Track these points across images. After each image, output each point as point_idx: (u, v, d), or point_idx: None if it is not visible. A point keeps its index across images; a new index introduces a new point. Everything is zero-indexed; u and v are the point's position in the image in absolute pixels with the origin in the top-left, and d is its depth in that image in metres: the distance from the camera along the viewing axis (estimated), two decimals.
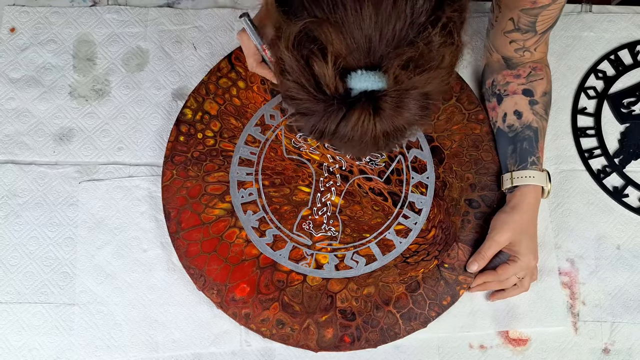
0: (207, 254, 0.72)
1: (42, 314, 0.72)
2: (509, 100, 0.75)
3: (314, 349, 0.70)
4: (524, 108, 0.74)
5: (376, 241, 0.74)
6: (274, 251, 0.73)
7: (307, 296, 0.72)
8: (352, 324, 0.71)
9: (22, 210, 0.76)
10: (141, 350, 0.71)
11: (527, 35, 0.71)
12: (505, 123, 0.75)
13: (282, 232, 0.74)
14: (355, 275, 0.73)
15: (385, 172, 0.77)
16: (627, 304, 0.75)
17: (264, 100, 0.79)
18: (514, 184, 0.73)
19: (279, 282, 0.72)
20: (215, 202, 0.74)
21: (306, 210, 0.75)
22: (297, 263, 0.73)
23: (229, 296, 0.71)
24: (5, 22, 0.83)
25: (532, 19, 0.69)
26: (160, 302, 0.73)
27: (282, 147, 0.77)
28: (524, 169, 0.72)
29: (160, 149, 0.79)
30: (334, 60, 0.45)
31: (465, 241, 0.74)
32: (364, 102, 0.46)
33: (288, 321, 0.71)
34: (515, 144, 0.74)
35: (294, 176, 0.76)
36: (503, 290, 0.73)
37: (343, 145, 0.50)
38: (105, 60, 0.82)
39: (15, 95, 0.80)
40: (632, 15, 0.88)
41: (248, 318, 0.71)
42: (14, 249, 0.74)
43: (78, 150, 0.78)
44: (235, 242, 0.73)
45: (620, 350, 0.74)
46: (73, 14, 0.84)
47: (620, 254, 0.77)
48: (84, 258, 0.74)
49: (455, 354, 0.73)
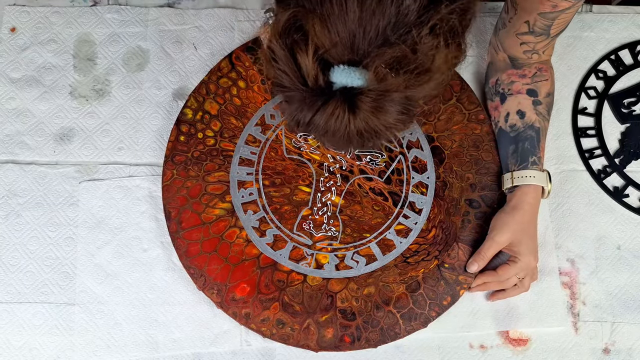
0: (208, 253, 0.72)
1: (42, 313, 0.72)
2: (512, 99, 0.75)
3: (314, 348, 0.70)
4: (528, 108, 0.74)
5: (376, 241, 0.74)
6: (275, 251, 0.73)
7: (307, 296, 0.72)
8: (352, 324, 0.71)
9: (23, 210, 0.76)
10: (141, 349, 0.71)
11: (539, 39, 0.71)
12: (508, 123, 0.75)
13: (283, 232, 0.74)
14: (355, 275, 0.73)
15: (385, 172, 0.77)
16: (627, 304, 0.75)
17: (264, 100, 0.79)
18: (515, 184, 0.72)
19: (279, 282, 0.72)
20: (215, 202, 0.74)
21: (306, 210, 0.75)
22: (298, 263, 0.73)
23: (229, 296, 0.71)
24: (5, 22, 0.83)
25: (549, 22, 0.68)
26: (161, 302, 0.73)
27: (283, 147, 0.77)
28: (525, 169, 0.72)
29: (161, 149, 0.79)
30: (314, 51, 0.44)
31: (466, 241, 0.74)
32: (340, 97, 0.45)
33: (288, 321, 0.71)
34: (517, 144, 0.74)
35: (294, 176, 0.76)
36: (503, 291, 0.73)
37: (319, 137, 0.50)
38: (106, 60, 0.82)
39: (16, 95, 0.80)
40: (633, 15, 0.88)
41: (248, 318, 0.71)
42: (14, 248, 0.74)
43: (78, 150, 0.78)
44: (235, 241, 0.73)
45: (621, 350, 0.73)
46: (73, 14, 0.84)
47: (620, 254, 0.77)
48: (84, 258, 0.74)
49: (456, 354, 0.73)
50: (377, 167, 0.77)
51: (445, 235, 0.75)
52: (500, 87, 0.77)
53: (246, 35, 0.84)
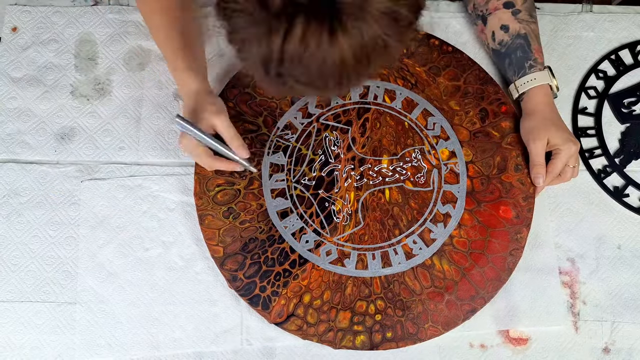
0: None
1: (43, 312, 0.72)
2: (492, 18, 0.78)
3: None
4: (509, 20, 0.77)
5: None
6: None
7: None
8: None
9: (24, 210, 0.76)
10: (142, 348, 0.71)
11: None
12: (496, 41, 0.78)
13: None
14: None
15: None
16: (627, 303, 0.75)
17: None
18: (520, 92, 0.77)
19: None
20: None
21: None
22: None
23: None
24: (7, 22, 0.83)
25: None
26: (162, 301, 0.73)
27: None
28: (524, 75, 0.76)
29: (162, 149, 0.79)
30: None
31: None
32: (312, 8, 0.39)
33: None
34: (510, 56, 0.77)
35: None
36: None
37: (302, 76, 0.43)
38: (107, 59, 0.82)
39: (17, 94, 0.80)
40: (633, 15, 0.88)
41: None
42: (15, 247, 0.74)
43: (79, 149, 0.79)
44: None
45: (621, 350, 0.74)
46: (74, 14, 0.84)
47: (620, 254, 0.77)
48: (86, 256, 0.74)
49: (456, 353, 0.73)
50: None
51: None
52: (479, 10, 0.80)
53: None
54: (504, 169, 0.78)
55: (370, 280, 0.73)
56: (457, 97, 0.81)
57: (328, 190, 0.76)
